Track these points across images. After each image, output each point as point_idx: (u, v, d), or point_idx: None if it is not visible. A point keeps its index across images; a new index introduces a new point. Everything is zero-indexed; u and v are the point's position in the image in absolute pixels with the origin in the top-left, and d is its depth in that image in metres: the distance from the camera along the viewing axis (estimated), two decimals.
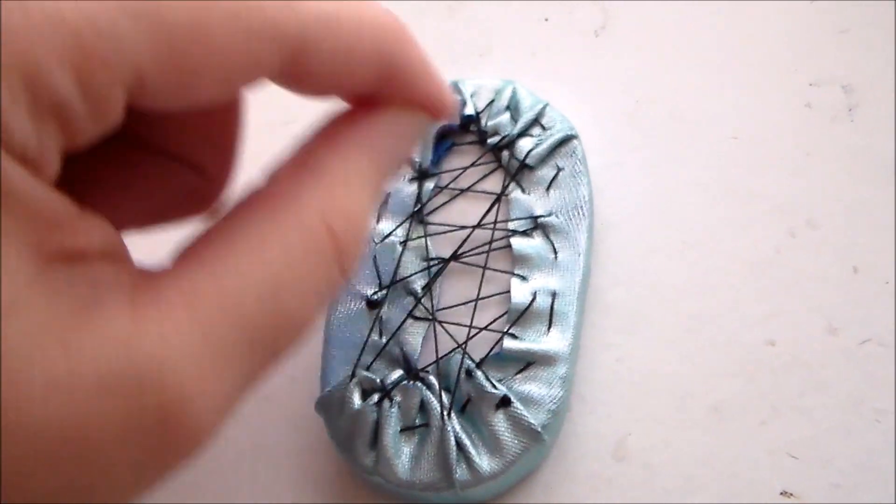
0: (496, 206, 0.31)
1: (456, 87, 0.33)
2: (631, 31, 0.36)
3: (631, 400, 0.30)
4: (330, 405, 0.29)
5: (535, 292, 0.29)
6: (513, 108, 0.32)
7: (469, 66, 0.36)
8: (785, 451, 0.28)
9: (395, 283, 0.30)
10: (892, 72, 0.33)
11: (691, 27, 0.36)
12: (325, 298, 0.19)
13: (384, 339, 0.29)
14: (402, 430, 0.28)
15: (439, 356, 0.29)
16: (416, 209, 0.31)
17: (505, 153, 0.32)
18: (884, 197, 0.31)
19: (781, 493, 0.28)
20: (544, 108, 0.32)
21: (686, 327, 0.31)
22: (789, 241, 0.31)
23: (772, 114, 0.34)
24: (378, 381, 0.28)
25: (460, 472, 0.27)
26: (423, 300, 0.30)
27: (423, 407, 0.28)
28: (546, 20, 0.37)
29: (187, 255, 0.17)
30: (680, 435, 0.29)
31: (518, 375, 0.28)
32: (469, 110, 0.32)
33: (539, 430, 0.27)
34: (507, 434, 0.27)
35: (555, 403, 0.28)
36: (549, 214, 0.31)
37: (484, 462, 0.27)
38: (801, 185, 0.32)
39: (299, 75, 0.18)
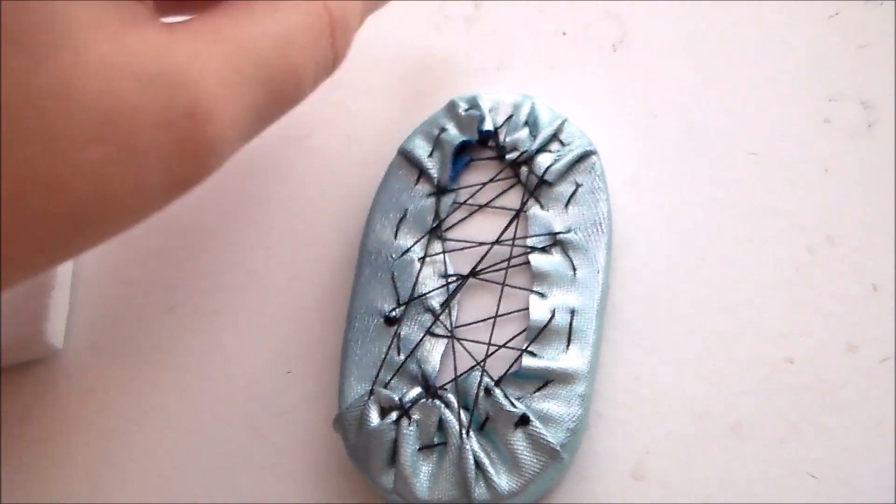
0: (515, 223, 0.31)
1: (474, 102, 0.33)
2: (648, 45, 0.36)
3: (649, 418, 0.30)
4: (347, 423, 0.29)
5: (554, 309, 0.29)
6: (531, 123, 0.32)
7: (486, 81, 0.36)
8: (805, 470, 0.28)
9: (413, 300, 0.30)
10: None
11: (708, 42, 0.35)
12: (321, 70, 0.23)
13: (402, 357, 0.29)
14: (420, 449, 0.28)
15: (458, 374, 0.29)
16: (434, 225, 0.31)
17: (524, 169, 0.32)
18: None
19: None
20: (563, 123, 0.32)
21: (705, 345, 0.30)
22: (808, 257, 0.31)
23: (790, 129, 0.33)
24: (396, 398, 0.28)
25: (479, 490, 0.27)
26: (441, 317, 0.30)
27: (442, 425, 0.28)
28: (564, 34, 0.37)
29: (211, 10, 0.21)
30: (699, 454, 0.29)
31: (537, 393, 0.28)
32: (488, 125, 0.32)
33: (558, 448, 0.27)
34: (525, 453, 0.27)
35: (574, 422, 0.28)
36: (568, 231, 0.30)
37: (503, 481, 0.27)
38: (819, 201, 0.32)
39: None
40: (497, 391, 0.28)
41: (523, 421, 0.27)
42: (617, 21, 0.37)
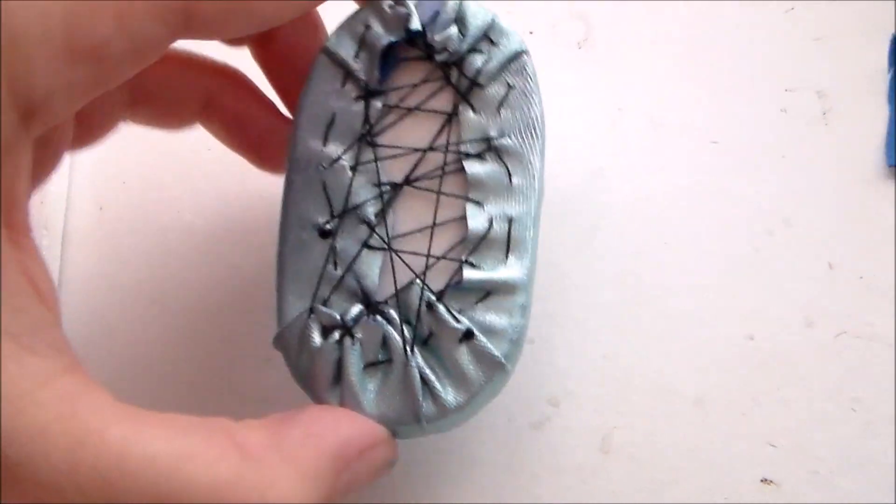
0: (447, 128, 0.30)
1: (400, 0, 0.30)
2: (612, 43, 0.37)
3: (617, 395, 0.31)
4: (289, 342, 0.28)
5: (492, 218, 0.28)
6: (460, 21, 0.30)
7: None
8: (765, 440, 0.29)
9: (347, 212, 0.29)
10: (863, 77, 0.34)
11: (670, 38, 0.37)
12: None
13: (339, 271, 0.28)
14: (365, 367, 0.27)
15: (398, 288, 0.28)
16: (364, 131, 0.30)
17: (454, 71, 0.30)
18: (856, 196, 0.32)
19: (762, 481, 0.29)
20: (493, 20, 0.30)
21: (669, 324, 0.31)
22: (767, 239, 0.32)
23: (749, 119, 0.35)
24: (338, 317, 0.27)
25: (426, 406, 0.26)
26: (377, 228, 0.29)
27: (386, 342, 0.27)
28: (531, 33, 0.38)
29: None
30: (664, 428, 0.30)
31: (479, 305, 0.27)
32: (415, 25, 0.30)
33: (503, 360, 0.26)
34: (470, 367, 0.27)
35: (516, 333, 0.27)
36: (502, 135, 0.29)
37: (449, 395, 0.26)
38: (778, 186, 0.33)
39: None
40: (440, 307, 0.27)
41: (467, 336, 0.27)
42: (582, 20, 0.38)
